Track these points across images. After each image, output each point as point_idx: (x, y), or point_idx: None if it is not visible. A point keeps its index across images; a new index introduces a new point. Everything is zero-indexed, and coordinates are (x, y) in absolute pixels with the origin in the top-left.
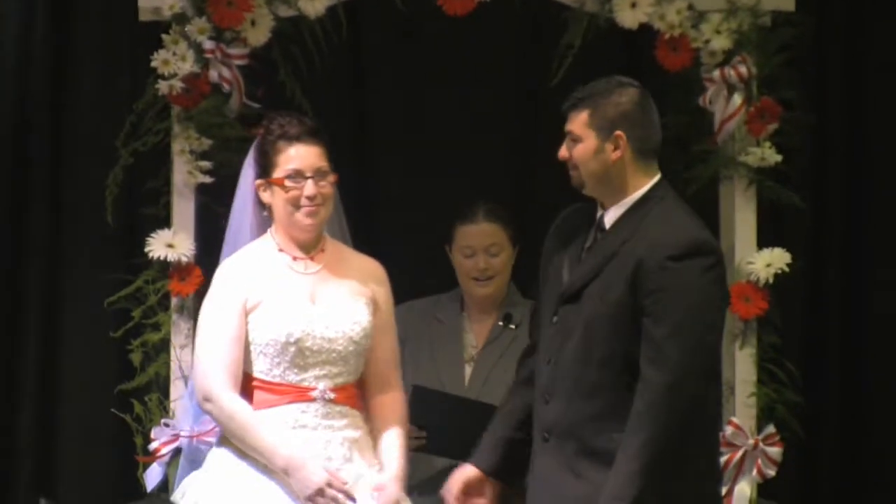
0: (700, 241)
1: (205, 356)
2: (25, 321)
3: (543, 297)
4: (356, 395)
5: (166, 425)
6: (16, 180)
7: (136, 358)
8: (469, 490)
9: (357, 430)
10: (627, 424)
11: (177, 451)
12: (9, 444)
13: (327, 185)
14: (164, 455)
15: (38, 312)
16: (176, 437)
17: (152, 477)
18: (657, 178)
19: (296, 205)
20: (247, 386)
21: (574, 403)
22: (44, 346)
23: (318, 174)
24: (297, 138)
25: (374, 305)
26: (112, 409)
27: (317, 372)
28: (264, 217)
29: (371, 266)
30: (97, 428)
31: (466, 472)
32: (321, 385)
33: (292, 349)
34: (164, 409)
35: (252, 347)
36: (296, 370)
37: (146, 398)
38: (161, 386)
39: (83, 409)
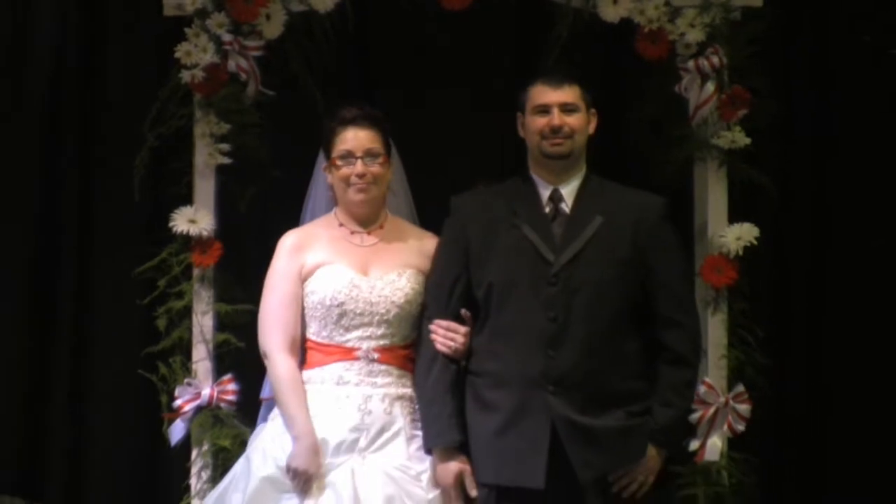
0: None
1: (265, 317)
2: (61, 290)
3: (505, 268)
4: (405, 356)
5: (189, 384)
6: (50, 161)
7: (161, 323)
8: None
9: (403, 388)
10: (668, 364)
11: (198, 409)
12: (45, 401)
13: (377, 166)
14: (186, 412)
15: (71, 281)
16: (198, 395)
17: (176, 432)
18: None
19: (347, 182)
20: (304, 346)
21: (587, 355)
22: (77, 313)
23: (367, 155)
24: (351, 122)
25: (424, 276)
26: (139, 370)
27: (360, 333)
28: (330, 197)
29: (427, 242)
30: (126, 387)
31: (458, 466)
32: (365, 345)
33: (336, 311)
34: (187, 370)
35: (306, 311)
36: (341, 331)
37: (170, 360)
38: (184, 349)
39: (113, 369)
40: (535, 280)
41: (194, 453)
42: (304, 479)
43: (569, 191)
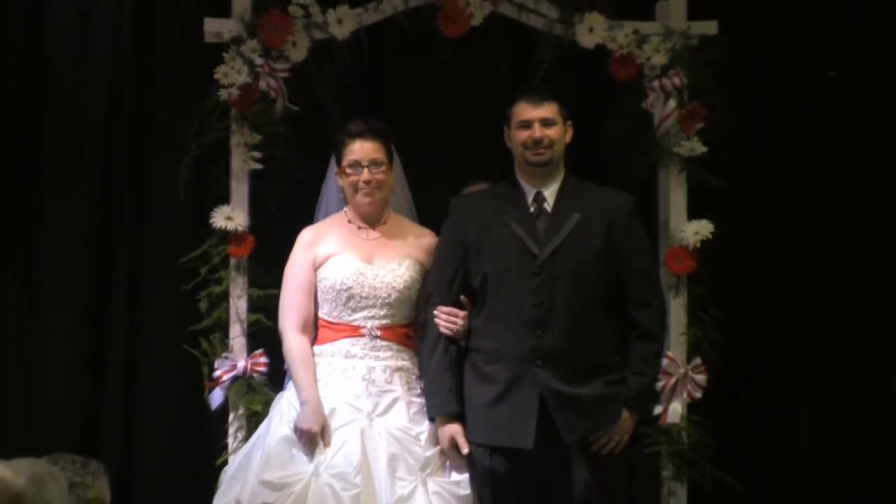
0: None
1: (283, 301)
2: (117, 277)
3: (498, 260)
4: (404, 334)
5: (226, 358)
6: (108, 169)
7: (202, 306)
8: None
9: (402, 361)
10: (639, 340)
11: (235, 378)
12: (103, 372)
13: (380, 174)
14: (224, 381)
15: (126, 270)
16: (234, 366)
17: (216, 398)
18: None
19: (355, 188)
20: (317, 325)
21: (569, 334)
22: (132, 297)
23: (372, 164)
24: (358, 135)
25: (422, 266)
26: (184, 346)
27: (365, 314)
28: (341, 198)
29: (424, 237)
30: (173, 360)
31: (453, 429)
32: (369, 324)
33: (345, 295)
34: (225, 345)
35: (319, 295)
36: (349, 312)
37: (211, 337)
38: (222, 327)
39: (162, 345)
40: (523, 270)
41: (231, 416)
42: (308, 437)
43: (550, 192)
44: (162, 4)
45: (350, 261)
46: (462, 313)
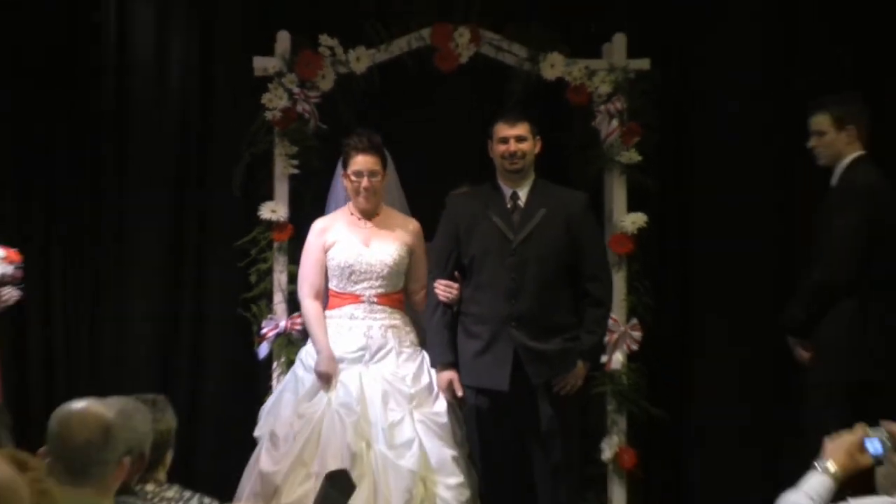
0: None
1: (301, 275)
2: (186, 258)
3: (482, 245)
4: (397, 300)
5: (271, 319)
6: (179, 171)
7: (252, 278)
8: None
9: (394, 321)
10: (591, 306)
11: (277, 335)
12: (175, 331)
13: (377, 181)
14: (270, 337)
15: (193, 252)
16: (277, 325)
17: (262, 350)
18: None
19: (356, 191)
20: (327, 295)
21: (538, 298)
22: (198, 271)
23: (370, 174)
24: (361, 150)
25: (409, 247)
26: (238, 309)
27: (364, 285)
28: (346, 195)
29: (410, 224)
30: (230, 320)
31: (449, 375)
32: (367, 293)
33: (348, 271)
34: (270, 309)
35: (329, 271)
36: (352, 284)
37: (259, 303)
38: (268, 295)
39: (222, 308)
40: (501, 253)
41: (274, 364)
42: (325, 378)
43: (523, 192)
44: (221, 46)
45: (352, 245)
46: (455, 285)
